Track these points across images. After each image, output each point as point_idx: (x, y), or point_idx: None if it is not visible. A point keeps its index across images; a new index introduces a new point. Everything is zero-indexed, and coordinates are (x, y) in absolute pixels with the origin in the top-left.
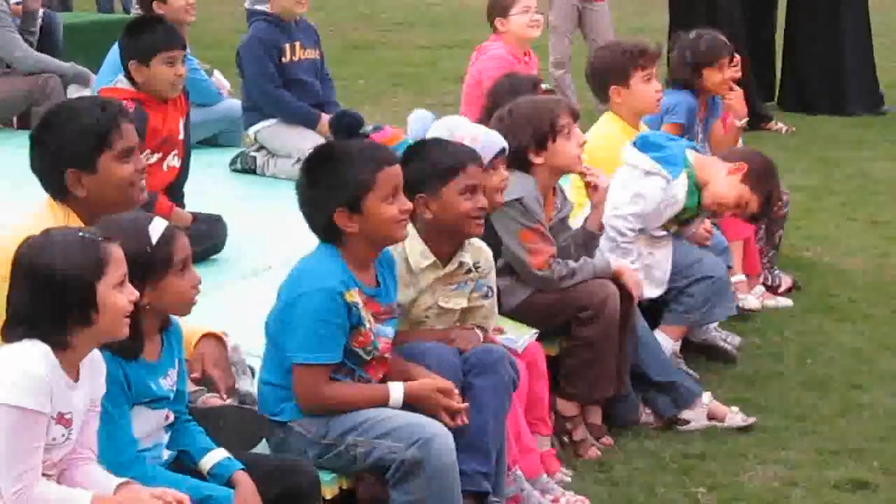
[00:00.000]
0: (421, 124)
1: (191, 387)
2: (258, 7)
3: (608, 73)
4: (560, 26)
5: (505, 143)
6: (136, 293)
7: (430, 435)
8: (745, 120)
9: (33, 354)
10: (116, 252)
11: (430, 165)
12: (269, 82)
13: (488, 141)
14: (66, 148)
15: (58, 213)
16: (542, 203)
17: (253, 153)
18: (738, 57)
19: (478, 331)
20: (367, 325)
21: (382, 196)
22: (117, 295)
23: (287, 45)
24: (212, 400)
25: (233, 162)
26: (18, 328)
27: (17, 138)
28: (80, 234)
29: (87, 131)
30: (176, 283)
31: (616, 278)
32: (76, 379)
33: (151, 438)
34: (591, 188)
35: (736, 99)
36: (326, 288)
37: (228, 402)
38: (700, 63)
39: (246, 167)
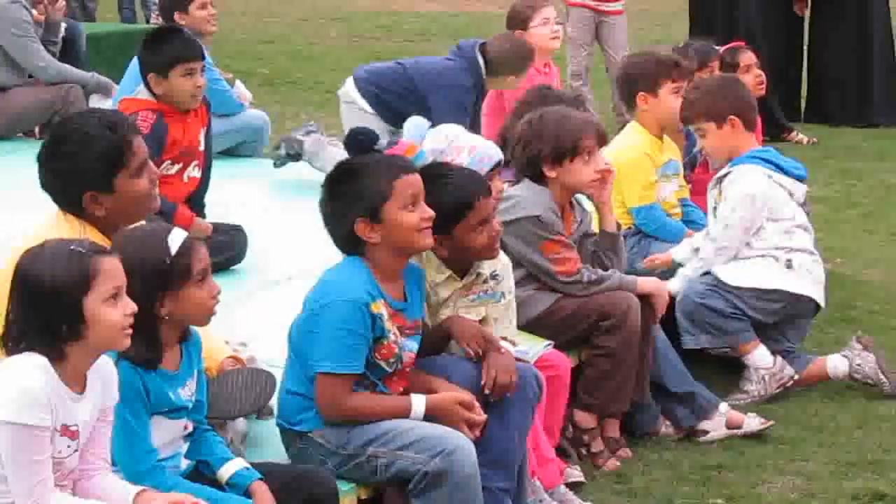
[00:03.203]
0: (417, 131)
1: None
2: None
3: (639, 80)
4: (578, 38)
5: (501, 156)
6: (134, 306)
7: (453, 447)
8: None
9: (29, 368)
10: (108, 265)
11: (438, 206)
12: None
13: (485, 152)
14: (80, 173)
15: (73, 224)
16: (559, 215)
17: (301, 136)
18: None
19: (509, 347)
20: (392, 338)
21: (401, 204)
22: (108, 309)
23: None
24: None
25: (276, 148)
26: (17, 340)
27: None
28: (71, 247)
29: (100, 155)
30: (195, 294)
31: (644, 296)
32: (81, 390)
33: (170, 448)
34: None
35: None
36: (352, 298)
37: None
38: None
39: (291, 153)
